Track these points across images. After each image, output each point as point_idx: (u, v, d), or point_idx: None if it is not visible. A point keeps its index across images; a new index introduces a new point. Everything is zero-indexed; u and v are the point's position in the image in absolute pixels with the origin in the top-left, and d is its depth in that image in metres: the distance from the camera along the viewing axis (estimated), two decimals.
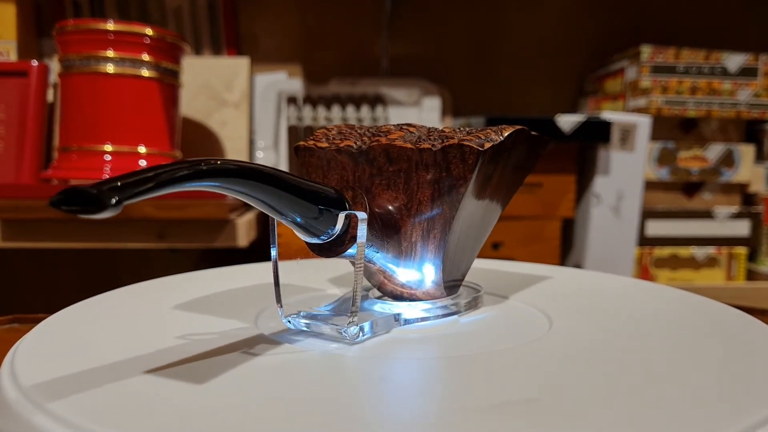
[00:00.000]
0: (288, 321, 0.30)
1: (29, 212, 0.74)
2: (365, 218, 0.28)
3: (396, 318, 0.31)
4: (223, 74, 1.00)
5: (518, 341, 0.29)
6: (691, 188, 0.98)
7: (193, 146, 0.97)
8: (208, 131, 1.00)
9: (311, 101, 1.02)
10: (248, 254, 0.90)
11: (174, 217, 0.75)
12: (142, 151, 0.80)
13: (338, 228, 0.28)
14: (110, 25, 0.77)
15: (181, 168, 0.21)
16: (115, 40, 0.78)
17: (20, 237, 0.76)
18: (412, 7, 1.10)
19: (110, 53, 0.78)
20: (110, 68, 0.78)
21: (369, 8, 1.10)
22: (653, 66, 0.93)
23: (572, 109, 1.14)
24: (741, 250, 0.97)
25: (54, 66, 0.91)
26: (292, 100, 1.02)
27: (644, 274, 0.96)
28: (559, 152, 0.89)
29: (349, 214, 0.28)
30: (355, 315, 0.28)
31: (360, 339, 0.28)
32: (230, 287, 0.39)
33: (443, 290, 0.32)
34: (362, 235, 0.28)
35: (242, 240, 0.77)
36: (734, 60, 0.94)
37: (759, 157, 0.99)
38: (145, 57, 0.79)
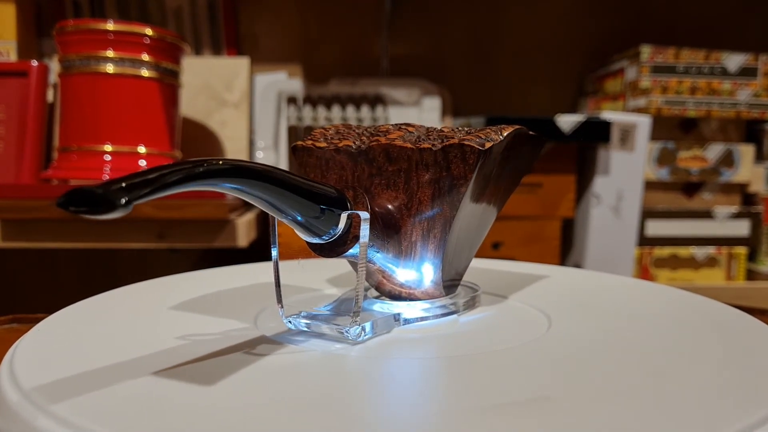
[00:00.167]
0: (289, 321, 0.30)
1: (29, 212, 0.74)
2: (368, 218, 0.28)
3: (396, 318, 0.31)
4: (223, 74, 1.00)
5: (518, 341, 0.29)
6: (691, 188, 0.98)
7: (193, 146, 0.97)
8: (208, 131, 1.00)
9: (311, 101, 1.02)
10: (248, 254, 0.90)
11: (174, 217, 0.75)
12: (142, 152, 0.80)
13: (340, 228, 0.28)
14: (110, 25, 0.77)
15: (189, 167, 0.21)
16: (115, 40, 0.78)
17: (20, 237, 0.76)
18: (412, 7, 1.10)
19: (110, 53, 0.78)
20: (110, 68, 0.78)
21: (369, 8, 1.10)
22: (653, 66, 0.93)
23: (572, 109, 1.14)
24: (741, 250, 0.97)
25: (54, 66, 0.91)
26: (292, 100, 1.02)
27: (644, 274, 0.96)
28: (559, 152, 0.89)
29: (351, 214, 0.28)
30: (358, 315, 0.28)
31: (361, 339, 0.28)
32: (230, 287, 0.39)
33: (442, 290, 0.32)
34: (365, 235, 0.28)
35: (242, 240, 0.77)
36: (734, 60, 0.94)
37: (759, 157, 0.99)
38: (145, 57, 0.79)
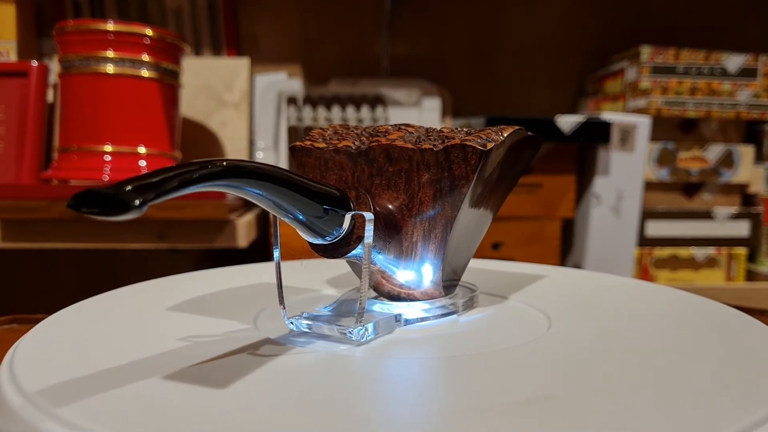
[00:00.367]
0: (291, 322, 0.30)
1: (29, 212, 0.74)
2: (372, 218, 0.28)
3: (397, 318, 0.31)
4: (223, 74, 1.00)
5: (518, 341, 0.29)
6: (691, 189, 0.98)
7: (193, 146, 0.97)
8: (208, 132, 1.00)
9: (311, 101, 1.02)
10: (248, 254, 0.90)
11: (174, 218, 0.75)
12: (142, 152, 0.80)
13: (344, 228, 0.28)
14: (110, 26, 0.77)
15: (200, 168, 0.21)
16: (115, 41, 0.78)
17: (20, 237, 0.76)
18: (412, 8, 1.10)
19: (110, 53, 0.78)
20: (110, 68, 0.78)
21: (369, 8, 1.10)
22: (653, 66, 0.93)
23: (572, 110, 1.14)
24: (741, 251, 0.97)
25: (54, 66, 0.91)
26: (292, 101, 1.02)
27: (644, 275, 0.96)
28: (559, 153, 0.89)
29: (355, 215, 0.28)
30: (362, 316, 0.28)
31: (364, 340, 0.28)
32: (230, 288, 0.39)
33: (441, 290, 0.32)
34: (369, 236, 0.28)
35: (242, 240, 0.77)
36: (734, 61, 0.94)
37: (758, 158, 0.99)
38: (145, 57, 0.79)
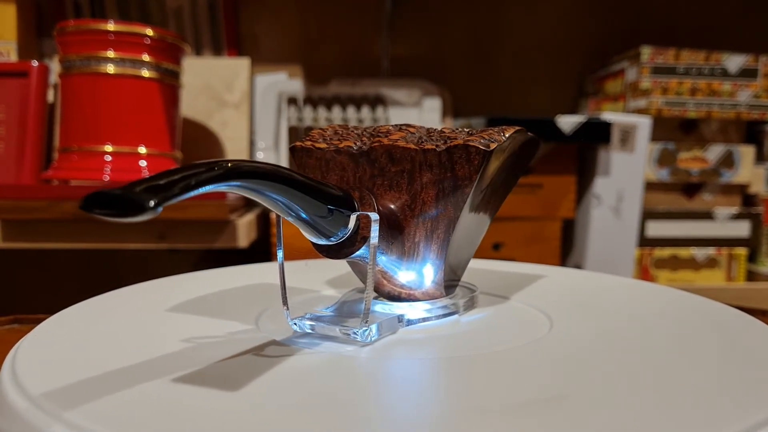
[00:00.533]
0: (294, 323, 0.29)
1: (30, 213, 0.74)
2: (377, 219, 0.28)
3: (400, 319, 0.31)
4: (224, 75, 1.00)
5: (521, 341, 0.29)
6: (691, 189, 0.98)
7: (194, 147, 0.97)
8: (209, 132, 1.00)
9: (312, 102, 1.02)
10: (248, 255, 0.90)
11: (174, 218, 0.75)
12: (143, 152, 0.80)
13: (350, 229, 0.28)
14: (110, 26, 0.77)
15: (212, 169, 0.21)
16: (116, 41, 0.78)
17: (20, 237, 0.76)
18: (413, 8, 1.10)
19: (111, 54, 0.78)
20: (110, 69, 0.78)
21: (369, 9, 1.10)
22: (653, 67, 0.93)
23: (572, 110, 1.14)
24: (741, 251, 0.97)
25: (54, 66, 0.91)
26: (293, 101, 1.02)
27: (644, 275, 0.96)
28: (560, 153, 0.89)
29: (360, 215, 0.28)
30: (367, 317, 0.28)
31: (369, 340, 0.28)
32: (231, 288, 0.39)
33: (443, 290, 0.32)
34: (375, 236, 0.28)
35: (242, 241, 0.77)
36: (734, 61, 0.94)
37: (759, 158, 0.99)
38: (146, 57, 0.79)
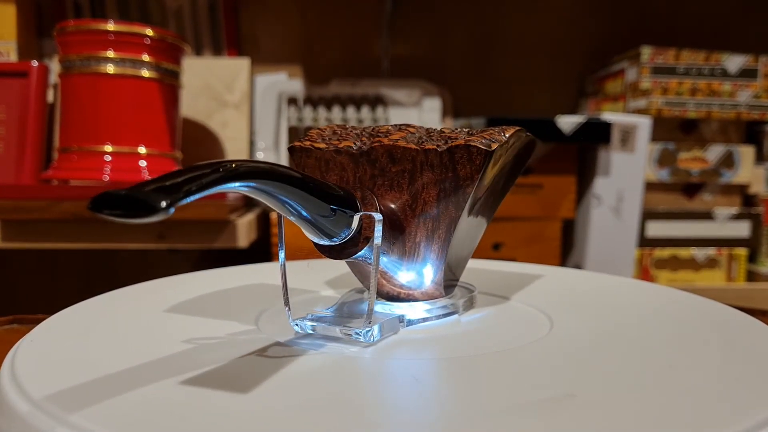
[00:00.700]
0: (295, 324, 0.29)
1: (29, 213, 0.74)
2: (381, 219, 0.28)
3: (400, 319, 0.31)
4: (224, 75, 1.00)
5: (522, 342, 0.29)
6: (692, 189, 0.98)
7: (194, 147, 0.97)
8: (209, 132, 1.00)
9: (312, 102, 1.02)
10: (248, 255, 0.90)
11: (174, 218, 0.75)
12: (143, 152, 0.80)
13: (353, 229, 0.28)
14: (110, 26, 0.77)
15: (220, 170, 0.20)
16: (116, 41, 0.78)
17: (20, 237, 0.76)
18: (413, 8, 1.10)
19: (110, 54, 0.78)
20: (110, 69, 0.78)
21: (369, 9, 1.10)
22: (653, 67, 0.93)
23: (573, 110, 1.14)
24: (741, 251, 0.97)
25: (54, 66, 0.91)
26: (293, 101, 1.02)
27: (644, 275, 0.96)
28: (560, 153, 0.89)
29: (363, 215, 0.28)
30: (371, 317, 0.28)
31: (372, 341, 0.28)
32: (230, 288, 0.39)
33: (442, 290, 0.32)
34: (379, 237, 0.28)
35: (242, 241, 0.77)
36: (734, 61, 0.94)
37: (759, 158, 0.99)
38: (146, 57, 0.79)
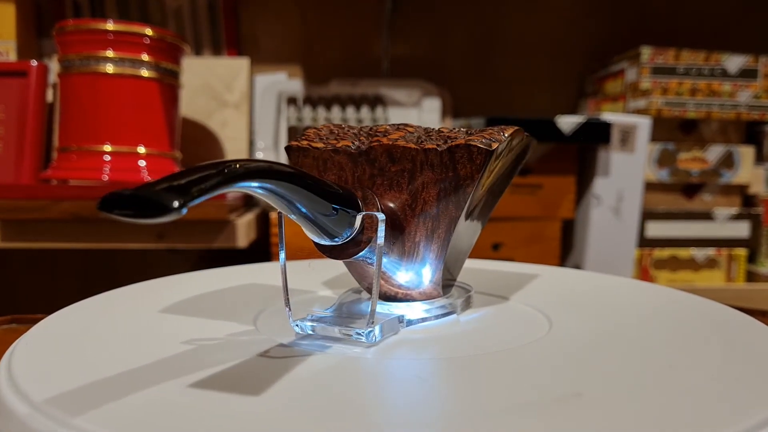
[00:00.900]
0: (296, 325, 0.29)
1: (29, 212, 0.74)
2: (384, 219, 0.28)
3: (400, 319, 0.31)
4: (224, 75, 1.00)
5: (521, 341, 0.29)
6: (691, 189, 0.98)
7: (194, 147, 0.97)
8: (208, 132, 1.00)
9: (311, 102, 1.02)
10: (247, 255, 0.90)
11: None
12: (142, 152, 0.80)
13: (355, 229, 0.27)
14: (110, 25, 0.77)
15: (232, 168, 0.20)
16: (115, 40, 0.78)
17: (19, 237, 0.75)
18: (413, 8, 1.10)
19: (110, 53, 0.78)
20: (110, 68, 0.78)
21: (369, 9, 1.10)
22: (653, 67, 0.93)
23: (572, 111, 1.14)
24: (741, 252, 0.97)
25: (53, 66, 0.91)
26: (292, 101, 1.02)
27: (644, 276, 0.95)
28: (559, 153, 0.89)
29: (365, 215, 0.28)
30: (373, 318, 0.28)
31: (374, 341, 0.28)
32: (228, 288, 0.39)
33: (440, 290, 0.32)
34: (381, 237, 0.28)
35: (242, 241, 0.77)
36: (734, 61, 0.94)
37: (759, 159, 0.98)
38: (145, 57, 0.79)
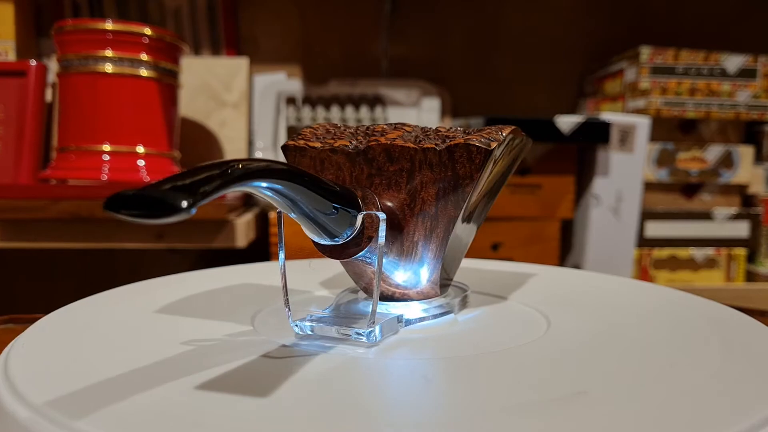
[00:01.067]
0: (296, 325, 0.29)
1: (27, 212, 0.74)
2: (385, 218, 0.28)
3: (399, 319, 0.31)
4: (223, 74, 1.00)
5: (520, 341, 0.29)
6: (691, 189, 0.98)
7: (192, 146, 0.97)
8: (207, 131, 1.00)
9: (310, 102, 1.02)
10: (246, 255, 0.90)
11: None
12: (141, 151, 0.80)
13: (356, 228, 0.27)
14: (109, 25, 0.77)
15: (238, 168, 0.20)
16: (114, 40, 0.78)
17: (18, 237, 0.75)
18: (412, 8, 1.10)
19: (109, 53, 0.78)
20: (109, 68, 0.78)
21: (369, 9, 1.10)
22: (652, 67, 0.93)
23: (572, 110, 1.14)
24: (740, 252, 0.97)
25: (52, 66, 0.91)
26: (291, 101, 1.02)
27: (643, 275, 0.95)
28: (559, 153, 0.89)
29: (366, 215, 0.28)
30: (374, 318, 0.28)
31: (375, 341, 0.28)
32: (224, 288, 0.39)
33: (438, 289, 0.32)
34: (382, 236, 0.28)
35: (241, 240, 0.77)
36: (733, 61, 0.94)
37: (758, 159, 0.98)
38: (144, 57, 0.79)
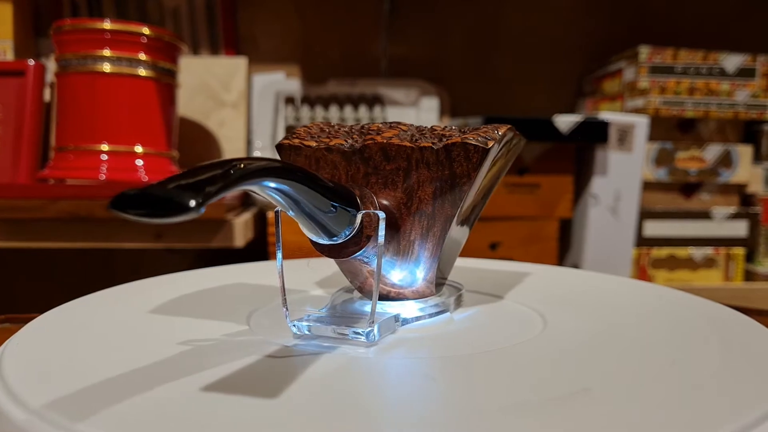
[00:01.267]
0: (293, 325, 0.29)
1: (26, 212, 0.74)
2: (384, 217, 0.28)
3: (396, 318, 0.31)
4: (221, 74, 1.00)
5: (516, 340, 0.29)
6: (689, 189, 0.98)
7: (191, 146, 0.97)
8: (206, 131, 0.99)
9: (309, 102, 1.02)
10: (244, 254, 0.90)
11: None
12: (139, 151, 0.80)
13: (355, 227, 0.27)
14: (107, 25, 0.77)
15: (241, 166, 0.20)
16: (112, 40, 0.78)
17: (17, 237, 0.75)
18: (412, 8, 1.10)
19: (107, 52, 0.78)
20: (107, 68, 0.78)
21: (368, 8, 1.10)
22: (651, 66, 0.93)
23: (570, 110, 1.14)
24: (739, 251, 0.97)
25: (51, 65, 0.91)
26: (290, 101, 1.02)
27: (642, 275, 0.95)
28: (557, 153, 0.89)
29: (364, 214, 0.28)
30: (373, 317, 0.28)
31: (373, 341, 0.28)
32: (219, 288, 0.39)
33: (434, 288, 0.32)
34: (382, 235, 0.28)
35: (239, 240, 0.77)
36: (732, 61, 0.94)
37: (757, 158, 0.98)
38: (142, 56, 0.79)
